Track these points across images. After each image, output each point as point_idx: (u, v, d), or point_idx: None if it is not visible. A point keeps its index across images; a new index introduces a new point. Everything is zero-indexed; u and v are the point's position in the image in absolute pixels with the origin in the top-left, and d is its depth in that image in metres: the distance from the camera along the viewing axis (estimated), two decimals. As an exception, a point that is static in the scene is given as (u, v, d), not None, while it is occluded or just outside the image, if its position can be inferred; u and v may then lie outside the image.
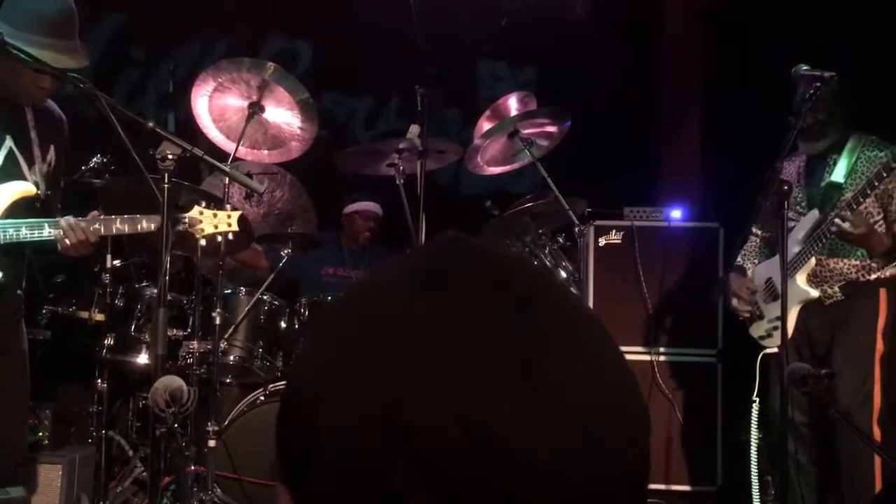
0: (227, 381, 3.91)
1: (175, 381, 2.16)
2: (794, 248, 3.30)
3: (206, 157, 2.60)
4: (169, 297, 3.12)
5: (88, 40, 5.28)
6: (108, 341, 3.69)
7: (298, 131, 3.81)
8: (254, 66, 3.60)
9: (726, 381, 4.23)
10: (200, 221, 2.82)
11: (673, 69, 5.38)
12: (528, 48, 5.47)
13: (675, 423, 4.20)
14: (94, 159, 3.77)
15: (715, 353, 4.25)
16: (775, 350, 3.39)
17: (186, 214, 2.80)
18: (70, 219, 2.67)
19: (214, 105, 3.72)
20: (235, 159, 3.73)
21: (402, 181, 3.77)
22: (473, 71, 5.62)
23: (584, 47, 5.23)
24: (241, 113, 3.70)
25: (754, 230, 3.73)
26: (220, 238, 2.90)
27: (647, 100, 5.36)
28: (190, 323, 3.67)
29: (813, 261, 3.30)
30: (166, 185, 2.51)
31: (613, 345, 0.59)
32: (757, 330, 3.52)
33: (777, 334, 3.37)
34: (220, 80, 3.63)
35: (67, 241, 2.65)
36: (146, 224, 2.75)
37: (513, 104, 4.02)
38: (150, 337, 3.45)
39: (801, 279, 3.31)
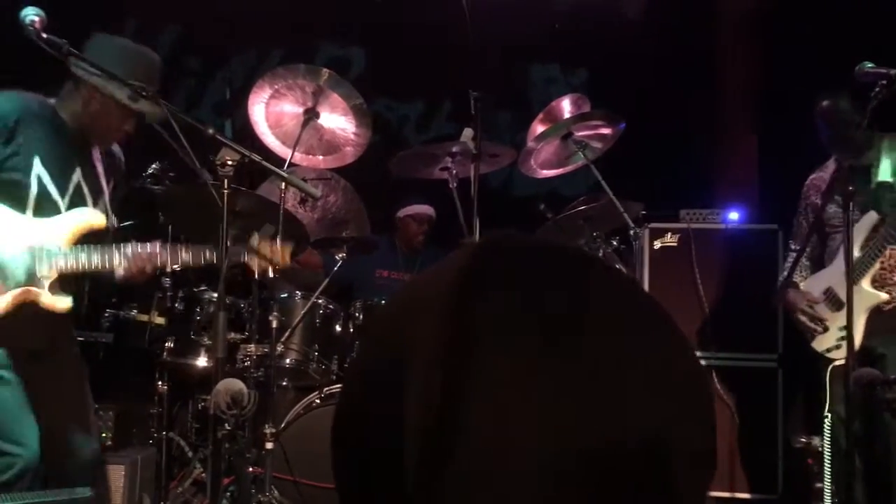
0: (284, 383, 3.95)
1: (236, 384, 2.19)
2: (853, 254, 3.24)
3: (264, 162, 2.64)
4: (227, 301, 3.17)
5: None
6: (169, 344, 3.77)
7: (353, 136, 3.84)
8: (309, 72, 3.64)
9: (787, 387, 4.13)
10: (257, 254, 2.87)
11: (729, 68, 5.28)
12: (581, 50, 5.43)
13: (734, 430, 4.12)
14: (154, 166, 3.85)
15: (775, 357, 4.16)
16: (842, 362, 3.32)
17: (244, 245, 2.85)
18: (132, 247, 2.75)
19: (271, 112, 3.77)
20: (291, 165, 3.78)
21: (455, 185, 3.77)
22: (526, 74, 5.60)
23: (637, 48, 5.18)
24: (296, 119, 3.74)
25: (792, 247, 3.67)
26: (272, 274, 2.95)
27: (703, 100, 5.27)
28: (247, 326, 3.72)
29: (878, 265, 3.22)
30: (226, 191, 2.55)
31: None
32: (823, 343, 3.44)
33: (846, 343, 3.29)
34: (276, 86, 3.68)
35: (129, 271, 2.74)
36: (209, 255, 2.81)
37: (566, 106, 4.00)
38: (211, 340, 3.50)
39: (866, 283, 3.24)
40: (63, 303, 2.72)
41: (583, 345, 0.54)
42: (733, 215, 4.35)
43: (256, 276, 2.93)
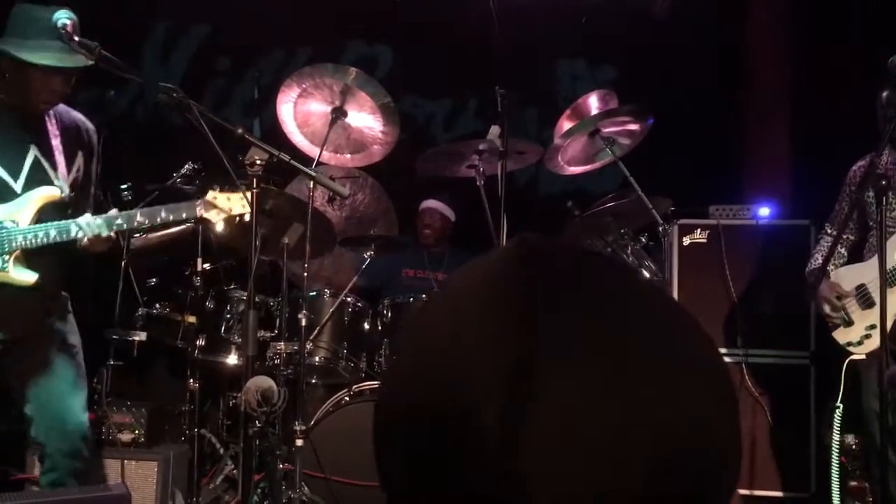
0: (313, 381, 3.98)
1: (266, 382, 2.21)
2: None
3: (292, 161, 2.66)
4: (256, 300, 3.20)
5: (177, 51, 5.53)
6: (200, 342, 3.81)
7: (380, 135, 3.86)
8: (336, 71, 3.66)
9: (819, 384, 4.08)
10: (215, 206, 2.86)
11: (759, 61, 5.22)
12: (608, 46, 5.40)
13: (765, 427, 4.08)
14: (185, 166, 3.89)
15: (807, 354, 4.10)
16: (863, 357, 3.28)
17: (200, 199, 2.84)
18: (87, 217, 2.80)
19: (299, 111, 3.80)
20: (319, 164, 3.80)
21: (482, 182, 3.77)
22: (552, 70, 5.58)
23: (665, 43, 5.13)
24: (324, 118, 3.76)
25: (829, 230, 3.60)
26: (236, 220, 2.90)
27: (733, 94, 5.22)
28: (277, 324, 3.76)
29: None
30: (255, 191, 2.58)
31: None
32: (845, 336, 3.39)
33: (869, 342, 3.25)
34: (304, 86, 3.71)
35: (88, 239, 2.79)
36: (164, 214, 2.82)
37: (594, 103, 3.97)
38: (241, 338, 3.53)
39: None
40: (28, 277, 2.79)
41: (632, 346, 0.57)
42: (764, 211, 4.29)
43: (219, 230, 2.88)
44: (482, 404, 0.53)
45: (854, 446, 3.75)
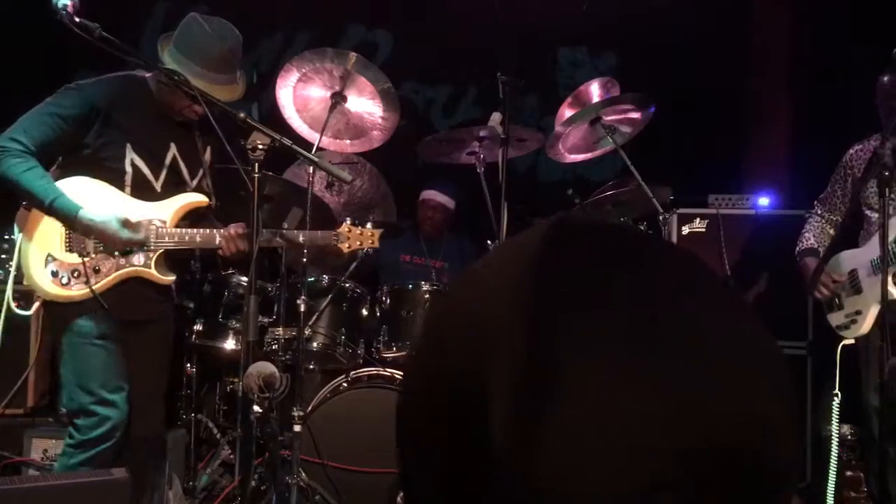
0: (311, 367, 3.97)
1: (268, 368, 2.20)
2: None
3: (295, 147, 2.64)
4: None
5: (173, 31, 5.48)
6: (197, 327, 3.79)
7: (380, 121, 3.83)
8: (336, 56, 3.63)
9: (816, 374, 4.10)
10: (348, 238, 3.05)
11: (760, 51, 5.21)
12: (609, 33, 5.37)
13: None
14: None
15: (804, 345, 4.12)
16: (852, 341, 3.30)
17: (337, 231, 3.04)
18: (232, 230, 2.91)
19: (298, 95, 3.77)
20: (319, 149, 3.77)
21: (482, 169, 3.76)
22: (552, 57, 5.55)
23: (666, 31, 5.11)
24: (324, 103, 3.73)
25: (818, 211, 3.61)
26: (360, 253, 3.21)
27: (734, 83, 5.20)
28: (275, 310, 3.74)
29: None
30: (257, 175, 2.56)
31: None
32: (835, 319, 3.42)
33: (855, 326, 3.28)
34: (303, 70, 3.68)
35: (227, 250, 2.93)
36: (302, 239, 3.00)
37: (595, 90, 3.96)
38: (242, 323, 3.52)
39: (890, 279, 3.17)
40: (168, 276, 2.94)
41: (665, 326, 0.52)
42: (763, 201, 4.29)
43: (347, 254, 3.14)
44: (497, 397, 0.50)
45: (850, 436, 3.76)
